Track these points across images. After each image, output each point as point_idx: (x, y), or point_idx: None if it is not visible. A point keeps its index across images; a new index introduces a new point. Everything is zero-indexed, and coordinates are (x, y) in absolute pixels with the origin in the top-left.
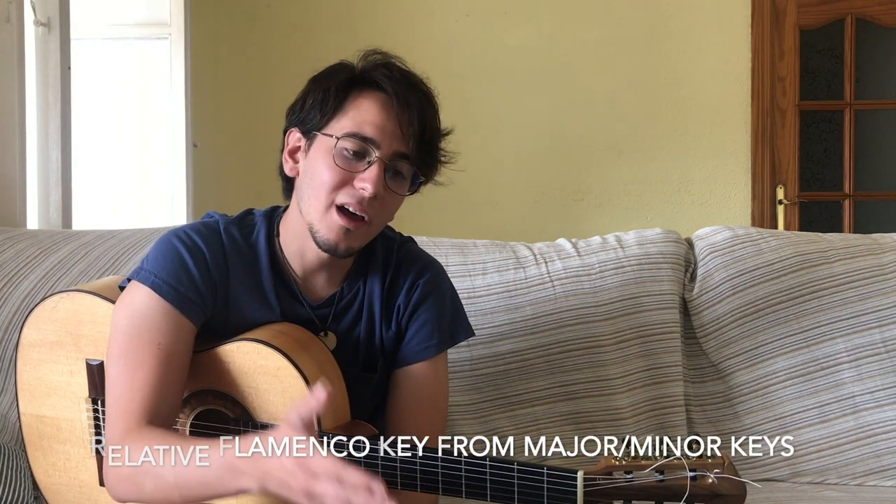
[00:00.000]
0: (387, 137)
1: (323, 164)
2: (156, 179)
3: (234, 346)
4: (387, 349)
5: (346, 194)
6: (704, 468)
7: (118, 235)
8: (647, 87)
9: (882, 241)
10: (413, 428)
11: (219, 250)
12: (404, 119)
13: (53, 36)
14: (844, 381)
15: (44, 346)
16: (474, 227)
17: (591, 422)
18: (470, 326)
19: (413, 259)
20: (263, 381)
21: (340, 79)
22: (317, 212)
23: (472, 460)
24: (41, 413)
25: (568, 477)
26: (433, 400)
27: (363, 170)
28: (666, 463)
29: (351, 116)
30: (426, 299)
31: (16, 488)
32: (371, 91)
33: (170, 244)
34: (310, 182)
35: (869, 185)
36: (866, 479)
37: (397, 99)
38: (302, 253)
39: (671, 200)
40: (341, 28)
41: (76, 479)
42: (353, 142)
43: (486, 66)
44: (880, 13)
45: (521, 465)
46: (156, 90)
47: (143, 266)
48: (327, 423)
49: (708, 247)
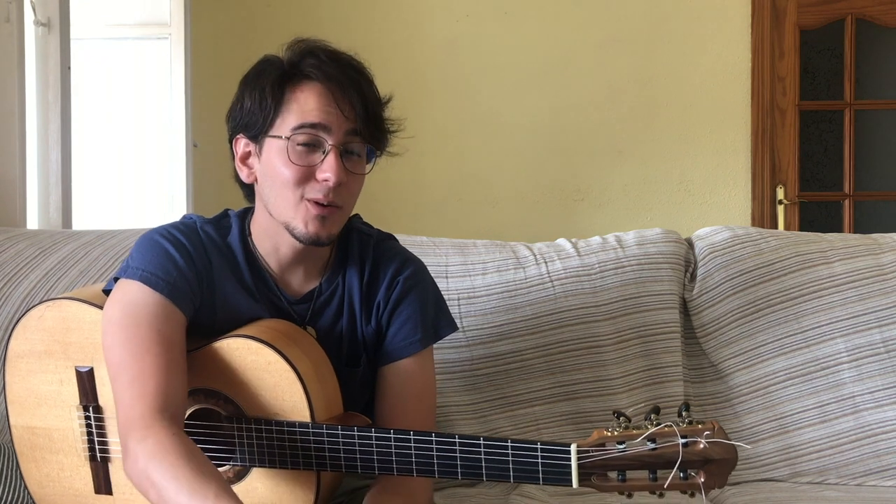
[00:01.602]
0: (334, 123)
1: (280, 165)
2: (156, 179)
3: (224, 343)
4: (368, 344)
5: (311, 189)
6: (695, 434)
7: (118, 235)
8: (647, 87)
9: (882, 241)
10: (402, 424)
11: (199, 245)
12: (345, 101)
13: (53, 36)
14: (844, 381)
15: (32, 357)
16: (474, 227)
17: (590, 422)
18: (453, 321)
19: (392, 255)
20: (255, 377)
21: (272, 78)
22: (288, 209)
23: (466, 440)
24: (32, 424)
25: (561, 451)
26: (420, 395)
27: (320, 161)
28: (657, 431)
29: (293, 111)
30: (407, 295)
31: (16, 488)
32: (305, 82)
33: (153, 241)
34: (271, 184)
35: (869, 185)
36: (866, 479)
37: (333, 83)
38: (276, 249)
39: (671, 200)
40: (341, 28)
41: (71, 489)
42: (303, 134)
43: (486, 66)
44: (880, 13)
45: (514, 442)
46: (156, 90)
47: (129, 264)
48: (321, 415)
49: (708, 247)
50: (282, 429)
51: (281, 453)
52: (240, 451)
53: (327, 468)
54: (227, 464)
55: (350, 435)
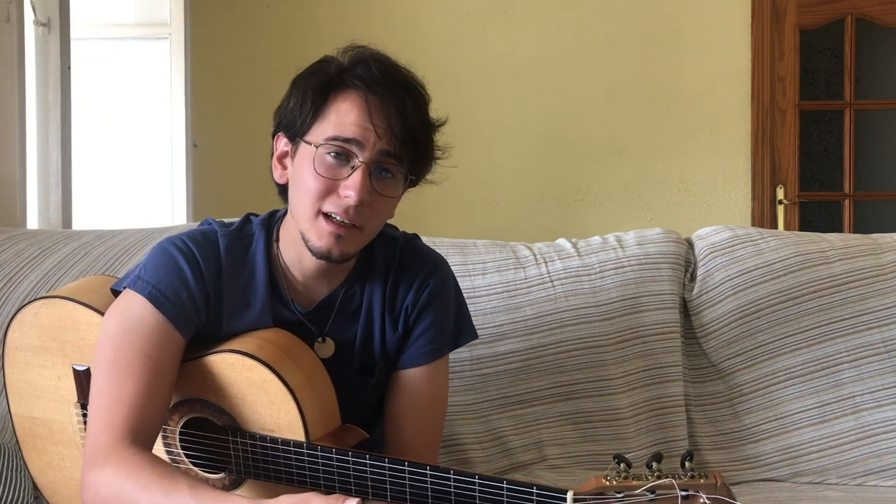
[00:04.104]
0: (369, 139)
1: (307, 172)
2: (156, 179)
3: (220, 358)
4: (390, 351)
5: (331, 203)
6: (697, 488)
7: (118, 235)
8: (647, 87)
9: (882, 241)
10: (410, 429)
11: (214, 260)
12: (383, 118)
13: (53, 36)
14: (844, 381)
15: (30, 351)
16: (474, 227)
17: (590, 422)
18: (474, 329)
19: (421, 259)
20: (250, 393)
21: (318, 81)
22: (305, 220)
23: (462, 476)
24: (32, 415)
25: (558, 497)
26: (432, 403)
27: (347, 176)
28: (657, 483)
29: (331, 121)
30: (433, 302)
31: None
32: (349, 92)
33: (167, 254)
34: (296, 190)
35: (869, 185)
36: (866, 479)
37: (375, 98)
38: (300, 259)
39: (671, 200)
40: (341, 28)
41: (72, 479)
42: (333, 146)
43: (486, 66)
44: (880, 13)
45: (510, 484)
46: (156, 90)
47: (140, 275)
48: (317, 430)
49: (708, 247)
50: (276, 446)
51: (275, 468)
52: (234, 461)
53: (321, 487)
54: (222, 472)
55: (344, 459)
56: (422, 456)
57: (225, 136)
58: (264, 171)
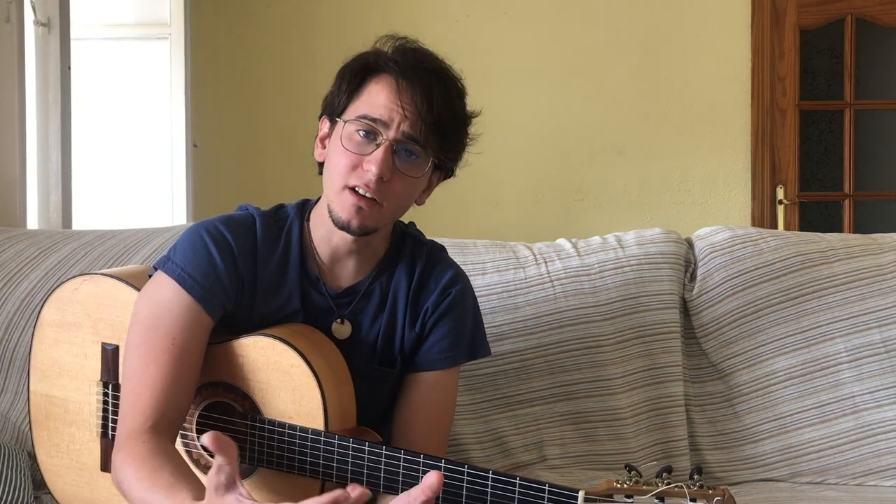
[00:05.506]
0: (395, 119)
1: (338, 148)
2: (156, 179)
3: (251, 341)
4: (406, 349)
5: (356, 176)
6: (705, 498)
7: (118, 235)
8: (647, 87)
9: (882, 241)
10: (420, 432)
11: (249, 242)
12: (411, 101)
13: (53, 36)
14: (844, 381)
15: (61, 327)
16: (474, 227)
17: (590, 422)
18: (489, 347)
19: (446, 266)
20: (275, 378)
21: (357, 66)
22: (333, 193)
23: (475, 472)
24: (51, 393)
25: (569, 495)
26: (443, 409)
27: (371, 152)
28: (666, 490)
29: (363, 101)
30: (453, 309)
31: (16, 488)
32: (383, 75)
33: (198, 236)
34: (328, 165)
35: (869, 185)
36: (866, 479)
37: (406, 81)
38: (329, 238)
39: (671, 200)
40: (341, 28)
41: (77, 462)
42: (360, 123)
43: (486, 66)
44: (880, 13)
45: (522, 481)
46: (156, 90)
47: (171, 257)
48: (335, 424)
49: (708, 247)
50: (294, 433)
51: (289, 457)
52: (249, 449)
53: (333, 479)
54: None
55: (360, 449)
56: None
57: (225, 136)
58: (264, 171)
